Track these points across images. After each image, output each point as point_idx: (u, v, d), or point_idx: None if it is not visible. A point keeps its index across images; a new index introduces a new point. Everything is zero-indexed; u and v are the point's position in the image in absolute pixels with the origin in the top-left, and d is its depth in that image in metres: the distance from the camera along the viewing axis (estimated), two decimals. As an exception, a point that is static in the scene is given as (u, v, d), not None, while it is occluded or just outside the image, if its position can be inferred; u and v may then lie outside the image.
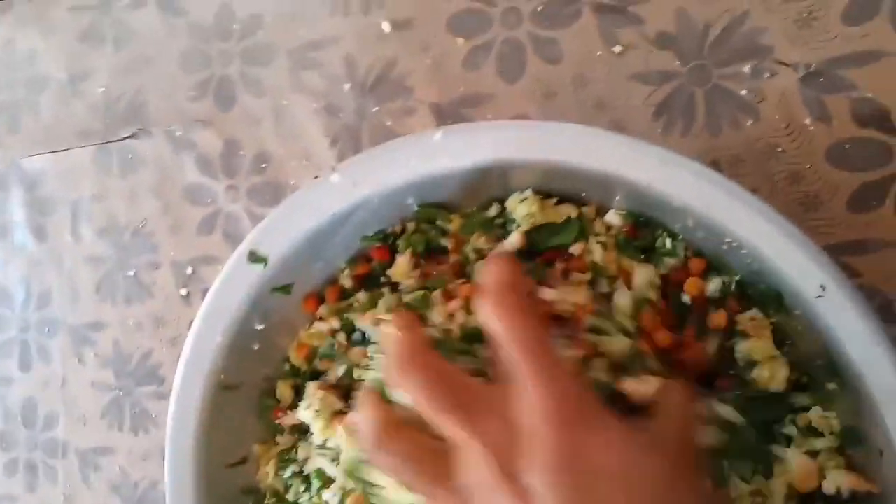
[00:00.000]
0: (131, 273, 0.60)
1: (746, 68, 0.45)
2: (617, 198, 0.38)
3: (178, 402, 0.43)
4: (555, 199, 0.40)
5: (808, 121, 0.44)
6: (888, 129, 0.43)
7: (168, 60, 0.58)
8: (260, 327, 0.43)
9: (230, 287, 0.42)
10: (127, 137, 0.59)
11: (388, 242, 0.43)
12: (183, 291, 0.58)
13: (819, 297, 0.34)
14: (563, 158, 0.37)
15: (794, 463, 0.36)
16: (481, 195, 0.41)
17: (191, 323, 0.42)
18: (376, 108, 0.53)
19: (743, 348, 0.37)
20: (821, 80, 0.44)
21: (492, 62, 0.50)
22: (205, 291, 0.45)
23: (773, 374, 0.37)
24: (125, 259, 0.60)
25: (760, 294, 0.37)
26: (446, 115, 0.51)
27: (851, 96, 0.43)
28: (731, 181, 0.35)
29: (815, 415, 0.37)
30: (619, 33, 0.47)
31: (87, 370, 0.61)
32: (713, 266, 0.38)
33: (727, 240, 0.36)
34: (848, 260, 0.44)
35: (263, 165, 0.56)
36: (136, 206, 0.59)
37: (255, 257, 0.41)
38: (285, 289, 0.43)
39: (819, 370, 0.37)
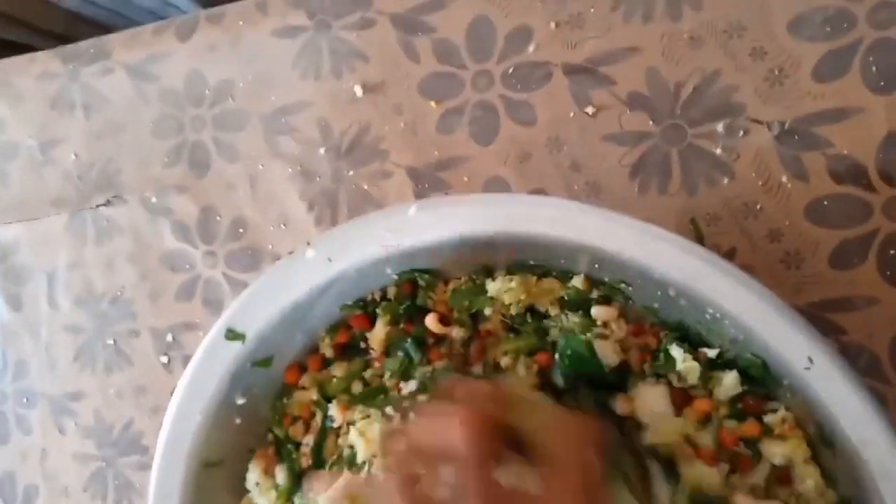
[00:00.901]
0: (110, 341, 0.58)
1: (720, 127, 0.45)
2: (596, 266, 0.38)
3: (158, 483, 0.42)
4: (535, 277, 0.39)
5: (784, 178, 0.44)
6: (865, 185, 0.43)
7: (140, 127, 0.57)
8: (241, 402, 0.42)
9: (208, 365, 0.41)
10: (101, 205, 0.58)
11: (368, 310, 0.42)
12: (164, 359, 0.57)
13: (807, 368, 0.33)
14: (538, 231, 0.36)
15: None
16: (467, 263, 0.40)
17: (173, 391, 0.41)
18: (352, 172, 0.52)
19: (777, 451, 0.36)
20: (795, 137, 0.44)
21: (465, 125, 0.49)
22: (186, 358, 0.44)
23: (820, 492, 0.36)
24: (104, 327, 0.59)
25: (746, 363, 0.36)
26: (422, 178, 0.50)
27: (827, 153, 0.43)
28: (713, 254, 0.34)
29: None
30: (592, 94, 0.47)
31: (68, 441, 0.60)
32: (699, 340, 0.38)
33: (710, 311, 0.35)
34: (832, 317, 0.43)
35: (241, 231, 0.55)
36: (114, 274, 0.58)
37: (232, 334, 0.40)
38: (265, 362, 0.42)
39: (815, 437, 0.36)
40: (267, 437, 0.45)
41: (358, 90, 0.52)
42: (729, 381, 0.37)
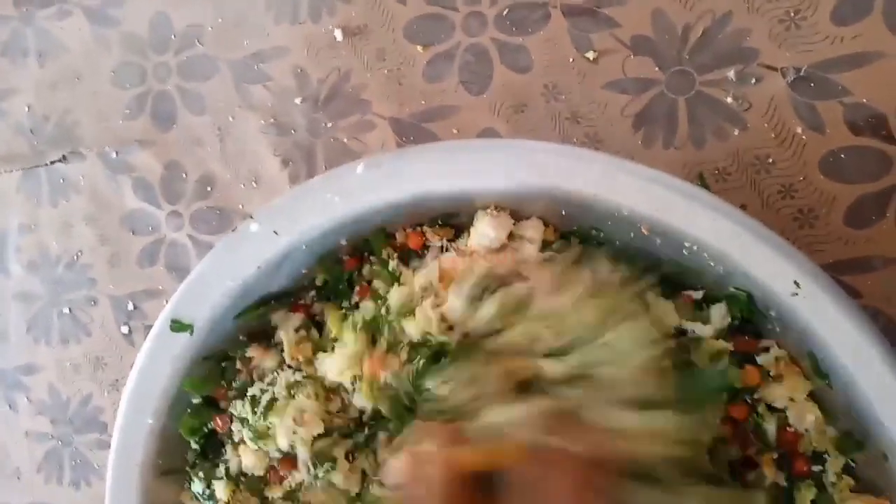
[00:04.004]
0: (66, 310, 0.54)
1: (731, 73, 0.42)
2: (563, 212, 0.35)
3: (112, 499, 0.38)
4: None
5: (799, 129, 0.41)
6: (885, 136, 0.40)
7: (99, 75, 0.53)
8: (198, 401, 0.39)
9: (155, 363, 0.38)
10: (56, 161, 0.54)
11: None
12: (124, 329, 0.53)
13: (794, 294, 0.31)
14: (494, 184, 0.34)
15: None
16: (426, 217, 0.37)
17: (133, 364, 0.37)
18: (331, 125, 0.48)
19: (778, 394, 0.34)
20: (811, 84, 0.41)
21: (455, 72, 0.46)
22: (148, 328, 0.40)
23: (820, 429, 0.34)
24: (59, 295, 0.54)
25: (730, 300, 0.34)
26: (407, 130, 0.47)
27: (845, 102, 0.40)
28: (681, 180, 0.32)
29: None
30: (593, 38, 0.44)
31: (20, 418, 0.55)
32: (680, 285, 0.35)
33: (687, 244, 0.33)
34: (847, 279, 0.40)
35: (209, 189, 0.51)
36: (70, 237, 0.54)
37: (178, 325, 0.37)
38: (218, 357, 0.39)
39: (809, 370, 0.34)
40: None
41: (338, 34, 0.48)
42: (717, 313, 0.34)
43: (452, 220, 0.37)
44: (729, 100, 0.42)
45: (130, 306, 0.53)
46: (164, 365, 0.37)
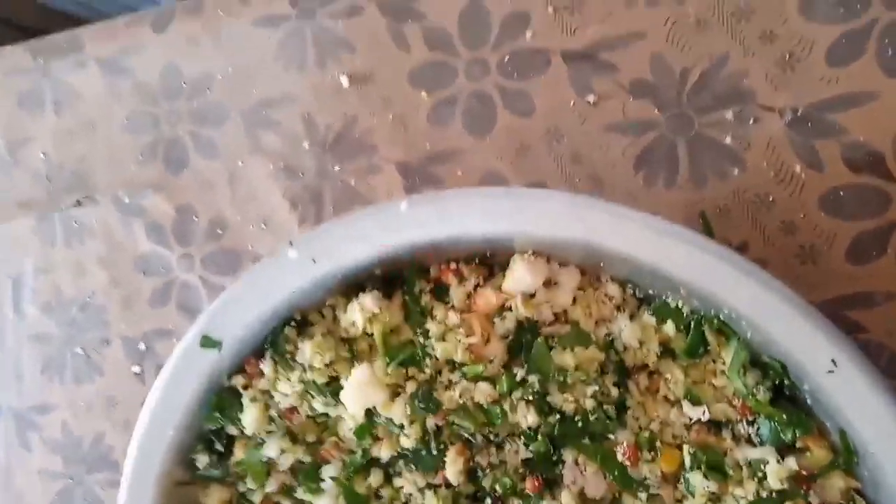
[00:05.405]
0: (79, 350, 0.55)
1: (729, 115, 0.43)
2: (601, 264, 0.35)
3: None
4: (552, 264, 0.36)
5: (798, 168, 0.42)
6: (883, 173, 0.40)
7: (113, 123, 0.54)
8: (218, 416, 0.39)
9: (181, 375, 0.38)
10: (71, 206, 0.55)
11: None
12: (136, 369, 0.54)
13: (830, 372, 0.31)
14: (540, 230, 0.34)
15: None
16: (462, 254, 0.37)
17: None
18: (338, 168, 0.49)
19: (803, 465, 0.33)
20: (809, 124, 0.41)
21: (458, 117, 0.47)
22: (159, 368, 0.41)
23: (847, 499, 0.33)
24: (73, 336, 0.55)
25: (764, 366, 0.34)
26: (413, 173, 0.47)
27: (842, 141, 0.41)
28: (726, 248, 0.32)
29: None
30: (593, 82, 0.44)
31: (34, 457, 0.56)
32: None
33: (725, 311, 0.33)
34: (851, 314, 0.41)
35: (219, 232, 0.52)
36: (84, 279, 0.55)
37: (208, 342, 0.37)
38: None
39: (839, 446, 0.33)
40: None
41: (344, 81, 0.49)
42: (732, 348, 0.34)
43: (488, 260, 0.37)
44: (728, 140, 0.43)
45: (142, 347, 0.53)
46: (191, 379, 0.37)
